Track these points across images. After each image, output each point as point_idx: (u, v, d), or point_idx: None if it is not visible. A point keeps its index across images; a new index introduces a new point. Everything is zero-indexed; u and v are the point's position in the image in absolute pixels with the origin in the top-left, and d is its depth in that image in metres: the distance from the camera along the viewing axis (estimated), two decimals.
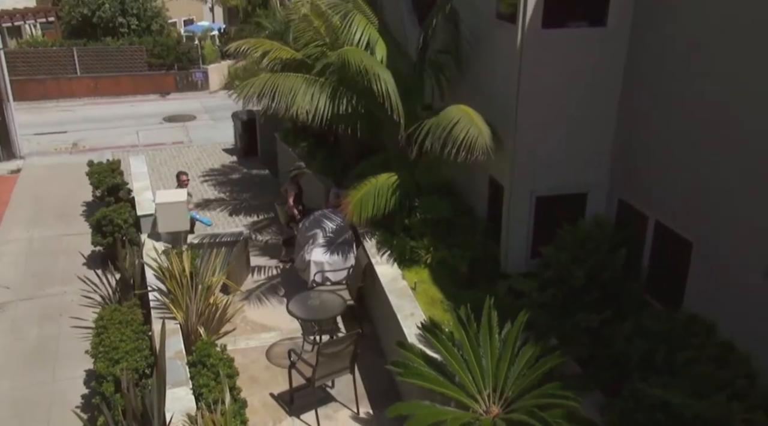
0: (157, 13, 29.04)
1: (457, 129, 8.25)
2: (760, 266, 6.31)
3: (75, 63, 26.15)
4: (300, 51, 12.38)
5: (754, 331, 6.43)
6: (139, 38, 27.60)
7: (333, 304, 9.12)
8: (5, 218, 14.49)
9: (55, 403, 8.89)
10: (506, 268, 8.97)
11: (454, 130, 8.25)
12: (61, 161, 18.93)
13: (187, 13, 33.47)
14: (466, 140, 8.14)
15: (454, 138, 8.20)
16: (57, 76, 26.00)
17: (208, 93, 27.52)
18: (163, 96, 26.86)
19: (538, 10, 7.81)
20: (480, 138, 8.13)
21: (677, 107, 7.52)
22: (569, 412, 6.28)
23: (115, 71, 26.49)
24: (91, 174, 14.46)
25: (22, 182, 17.06)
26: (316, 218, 10.83)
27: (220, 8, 34.55)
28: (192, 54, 27.58)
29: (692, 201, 7.33)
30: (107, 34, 27.46)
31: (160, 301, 9.21)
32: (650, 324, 7.13)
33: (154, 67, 27.00)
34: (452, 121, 8.34)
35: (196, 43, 28.72)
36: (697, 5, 7.11)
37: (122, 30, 27.70)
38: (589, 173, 8.71)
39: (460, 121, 8.33)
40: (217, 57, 28.44)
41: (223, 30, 31.46)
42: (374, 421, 8.05)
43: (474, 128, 8.23)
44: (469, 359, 7.08)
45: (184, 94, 27.19)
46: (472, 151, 8.11)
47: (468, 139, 8.14)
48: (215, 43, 29.55)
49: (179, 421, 6.70)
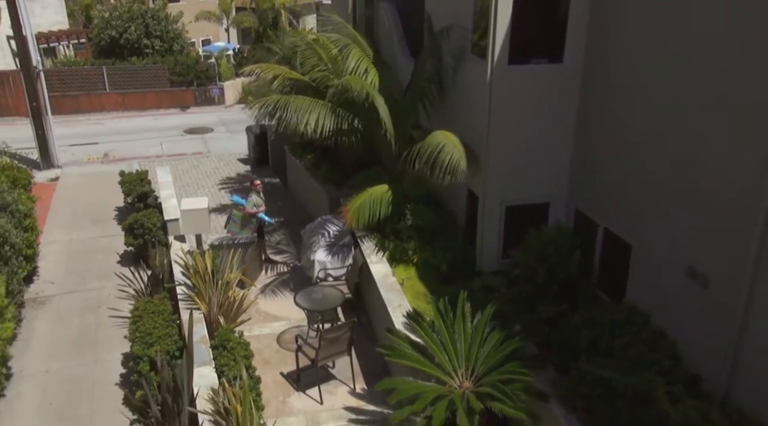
0: (178, 34, 29.71)
1: (443, 154, 8.97)
2: (681, 267, 7.09)
3: (104, 80, 26.83)
4: (306, 75, 13.20)
5: (678, 321, 7.20)
6: (162, 58, 28.26)
7: (334, 297, 9.90)
8: (48, 222, 15.18)
9: (98, 381, 9.63)
10: (480, 267, 9.71)
11: (441, 155, 8.97)
12: (94, 170, 19.55)
13: (204, 34, 34.18)
14: (450, 164, 8.89)
15: (441, 162, 8.94)
16: (88, 92, 26.68)
17: (224, 107, 28.20)
18: (184, 110, 27.53)
19: (504, 49, 8.56)
20: (461, 162, 8.86)
21: (620, 133, 8.27)
22: (527, 385, 7.09)
23: (140, 88, 27.16)
24: (123, 183, 15.22)
25: (60, 189, 17.73)
26: (320, 223, 11.59)
27: (235, 29, 35.25)
28: (209, 72, 28.27)
29: (632, 212, 8.09)
30: (133, 54, 28.15)
31: (187, 295, 10.03)
32: (597, 315, 7.89)
33: (175, 83, 27.69)
34: (438, 146, 9.08)
35: (213, 62, 29.44)
36: (632, 45, 7.88)
37: (147, 50, 28.37)
38: (551, 187, 9.46)
39: (445, 147, 9.06)
40: (233, 74, 29.14)
41: (237, 50, 32.15)
42: (368, 396, 8.84)
43: (456, 153, 8.95)
44: (446, 343, 7.87)
45: (203, 109, 27.86)
46: (455, 175, 8.87)
47: (452, 163, 8.88)
48: (230, 62, 30.25)
49: (205, 393, 7.51)
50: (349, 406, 8.59)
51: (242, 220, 11.91)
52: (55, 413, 8.96)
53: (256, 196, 11.83)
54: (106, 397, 9.28)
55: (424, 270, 9.84)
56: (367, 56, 10.78)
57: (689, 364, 6.89)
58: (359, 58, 10.55)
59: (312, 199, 15.04)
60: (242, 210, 11.82)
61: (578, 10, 8.53)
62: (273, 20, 33.55)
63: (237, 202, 12.27)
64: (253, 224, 11.94)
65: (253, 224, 11.94)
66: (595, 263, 8.88)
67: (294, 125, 10.56)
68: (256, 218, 11.88)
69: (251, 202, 11.72)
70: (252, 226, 11.95)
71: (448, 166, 8.80)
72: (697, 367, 6.84)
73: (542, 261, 8.77)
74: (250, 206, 11.70)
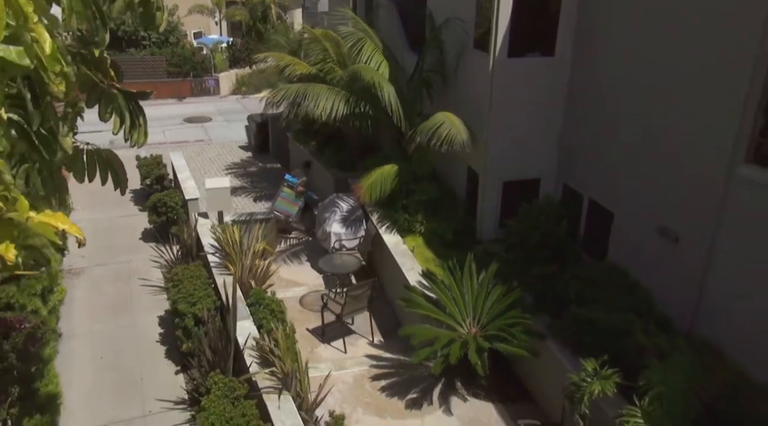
0: (175, 27, 30.38)
1: (441, 129, 10.04)
2: (655, 228, 8.36)
3: None
4: (313, 66, 14.22)
5: (652, 274, 8.46)
6: (159, 49, 28.94)
7: (351, 262, 11.02)
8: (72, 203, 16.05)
9: (139, 339, 10.62)
10: (480, 236, 10.89)
11: (439, 130, 10.03)
12: None
13: (197, 27, 34.77)
14: (447, 137, 9.96)
15: (438, 135, 10.04)
16: None
17: (220, 97, 29.00)
18: (181, 100, 28.25)
19: (504, 44, 9.71)
20: (458, 136, 9.95)
21: (601, 116, 9.52)
22: (526, 328, 8.31)
23: (138, 78, 27.81)
24: (140, 166, 16.11)
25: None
26: (331, 200, 12.67)
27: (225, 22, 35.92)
28: (205, 64, 29.03)
29: (613, 184, 9.34)
30: (131, 45, 28.77)
31: (218, 262, 11.06)
32: (583, 272, 9.15)
33: (172, 74, 28.38)
34: (437, 123, 10.18)
35: (207, 54, 30.16)
36: (611, 41, 9.11)
37: (144, 42, 29.02)
38: (542, 164, 10.66)
39: (443, 124, 10.17)
40: (227, 66, 29.92)
41: (231, 42, 32.88)
42: (385, 346, 10.00)
43: (453, 129, 10.06)
44: (456, 296, 9.06)
45: (199, 99, 28.61)
46: (451, 145, 9.94)
47: (448, 136, 9.94)
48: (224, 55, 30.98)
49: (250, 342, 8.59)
50: (369, 354, 9.75)
51: (292, 198, 13.11)
52: (106, 366, 9.96)
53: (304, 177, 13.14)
54: (148, 352, 10.30)
55: (430, 239, 10.98)
56: (378, 49, 11.84)
57: (661, 308, 8.15)
58: (372, 50, 11.61)
59: (316, 182, 16.06)
60: (294, 188, 13.03)
61: (567, 11, 9.70)
62: (262, 14, 34.33)
63: (290, 181, 13.42)
64: (300, 201, 13.13)
65: (300, 201, 13.13)
66: (581, 229, 10.11)
67: (311, 111, 11.54)
68: (305, 195, 13.15)
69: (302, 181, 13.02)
70: (299, 203, 13.12)
71: (445, 138, 9.88)
72: (668, 310, 8.09)
73: (535, 229, 9.95)
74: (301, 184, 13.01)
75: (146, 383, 9.56)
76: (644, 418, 6.12)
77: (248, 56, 30.02)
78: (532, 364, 8.57)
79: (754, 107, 6.78)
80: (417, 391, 8.86)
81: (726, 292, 7.47)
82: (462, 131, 9.94)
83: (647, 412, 6.14)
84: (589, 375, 6.81)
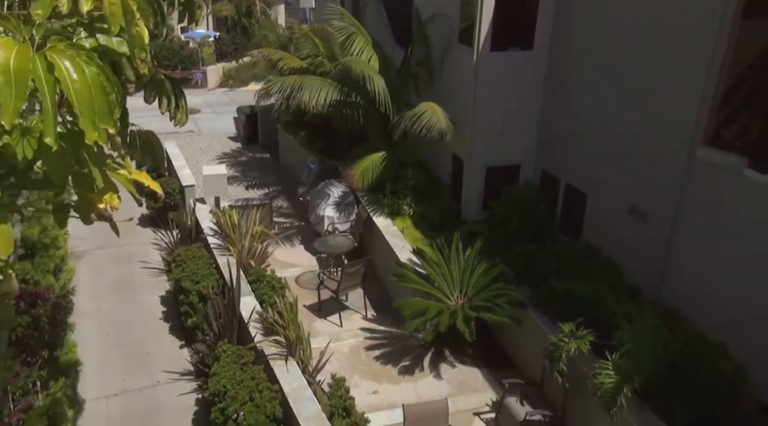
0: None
1: (423, 117, 10.66)
2: (625, 208, 9.12)
3: None
4: (303, 60, 14.81)
5: (623, 250, 9.21)
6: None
7: (344, 243, 11.67)
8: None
9: (143, 317, 11.15)
10: (465, 218, 11.57)
11: (421, 118, 10.67)
12: None
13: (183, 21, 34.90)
14: (427, 124, 10.58)
15: (420, 121, 10.67)
16: None
17: (207, 90, 29.31)
18: None
19: (487, 39, 10.39)
20: (437, 123, 10.59)
21: (575, 107, 10.25)
22: (509, 298, 9.02)
23: None
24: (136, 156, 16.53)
25: None
26: (323, 186, 13.28)
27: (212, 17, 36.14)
28: (193, 57, 29.34)
29: (587, 168, 10.09)
30: None
31: (218, 244, 11.62)
32: (560, 249, 9.89)
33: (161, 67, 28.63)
34: (420, 112, 10.81)
35: (194, 47, 30.45)
36: (584, 38, 9.84)
37: None
38: (522, 151, 11.37)
39: (425, 112, 10.77)
40: (214, 60, 30.25)
41: (218, 37, 33.19)
42: (377, 320, 10.66)
43: (434, 117, 10.68)
44: (444, 272, 9.73)
45: (187, 91, 28.50)
46: (430, 131, 10.58)
47: (428, 123, 10.58)
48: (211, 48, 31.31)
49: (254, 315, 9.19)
50: (363, 328, 10.40)
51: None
52: (114, 341, 10.49)
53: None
54: (153, 329, 10.87)
55: (418, 221, 11.65)
56: (369, 43, 12.45)
57: (631, 280, 8.90)
58: (363, 44, 12.23)
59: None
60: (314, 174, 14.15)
61: (545, 8, 10.39)
62: (247, 10, 34.66)
63: (311, 168, 14.50)
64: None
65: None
66: (558, 210, 10.86)
67: (306, 102, 12.13)
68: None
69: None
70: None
71: (425, 124, 10.54)
72: (637, 282, 8.85)
73: (516, 211, 10.66)
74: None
75: (153, 357, 10.12)
76: (615, 371, 6.84)
77: (234, 50, 30.35)
78: (514, 333, 9.29)
79: (710, 96, 7.54)
80: (409, 359, 9.55)
81: (688, 264, 8.25)
82: (442, 119, 10.61)
83: (617, 365, 6.87)
84: (567, 336, 7.52)
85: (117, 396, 9.15)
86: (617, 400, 6.73)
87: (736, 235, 7.54)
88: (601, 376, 6.91)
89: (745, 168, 7.24)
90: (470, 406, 8.65)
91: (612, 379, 6.83)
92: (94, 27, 2.99)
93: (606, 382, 6.86)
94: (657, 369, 6.86)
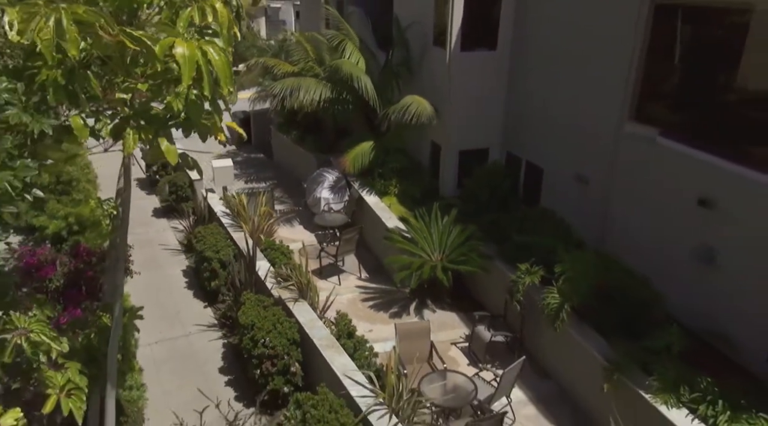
0: None
1: (411, 107, 12.78)
2: (571, 175, 11.24)
3: None
4: (295, 65, 16.81)
5: (571, 211, 11.30)
6: None
7: (339, 218, 13.67)
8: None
9: (171, 285, 12.98)
10: (443, 194, 13.62)
11: (410, 108, 12.77)
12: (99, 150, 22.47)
13: None
14: (417, 112, 12.69)
15: (410, 111, 12.74)
16: None
17: None
18: None
19: (458, 41, 12.48)
20: (425, 110, 12.72)
21: (532, 96, 12.39)
22: (479, 252, 11.06)
23: None
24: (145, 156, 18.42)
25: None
26: (318, 173, 15.25)
27: None
28: None
29: (543, 149, 12.22)
30: None
31: (231, 223, 13.53)
32: (521, 215, 11.97)
33: None
34: (408, 103, 12.90)
35: None
36: (538, 39, 11.97)
37: None
38: (490, 136, 13.48)
39: (412, 103, 12.87)
40: None
41: None
42: (369, 280, 12.64)
43: (421, 106, 12.78)
44: (425, 235, 11.74)
45: None
46: (420, 118, 12.68)
47: (417, 111, 12.69)
48: None
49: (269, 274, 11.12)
50: (358, 285, 12.40)
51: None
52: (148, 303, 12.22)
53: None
54: (180, 294, 12.73)
55: (402, 198, 13.68)
56: (357, 48, 14.51)
57: (578, 234, 10.99)
58: (351, 48, 14.29)
59: (300, 164, 18.58)
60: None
61: (505, 15, 12.53)
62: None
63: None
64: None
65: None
66: (521, 185, 12.96)
67: (302, 100, 14.13)
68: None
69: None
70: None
71: (415, 112, 12.63)
72: (583, 235, 10.94)
73: (485, 186, 12.74)
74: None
75: (182, 314, 12.00)
76: (558, 293, 8.88)
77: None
78: (483, 281, 11.33)
79: (632, 82, 9.69)
80: (397, 307, 11.55)
81: (620, 217, 10.37)
82: (428, 107, 12.72)
83: (560, 289, 8.91)
84: (523, 273, 9.57)
85: (158, 343, 11.02)
86: (560, 315, 8.79)
87: (652, 191, 9.65)
88: (548, 298, 8.96)
89: (657, 136, 9.37)
90: (448, 338, 10.67)
91: (556, 299, 8.89)
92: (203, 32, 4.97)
93: (551, 303, 8.92)
94: (591, 293, 8.91)
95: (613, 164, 10.30)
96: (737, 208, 8.22)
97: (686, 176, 8.94)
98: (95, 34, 4.13)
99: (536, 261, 10.10)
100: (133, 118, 4.73)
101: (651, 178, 9.65)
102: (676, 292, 9.06)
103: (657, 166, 9.49)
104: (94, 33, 4.10)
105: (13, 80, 4.36)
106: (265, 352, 9.09)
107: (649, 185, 9.69)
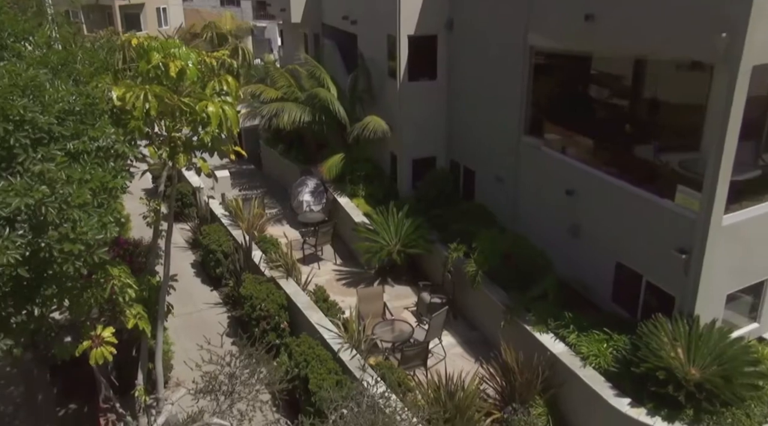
0: None
1: (369, 125, 16.14)
2: (493, 176, 14.59)
3: None
4: (278, 90, 20.07)
5: (494, 202, 14.60)
6: None
7: (318, 217, 16.96)
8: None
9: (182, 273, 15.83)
10: (400, 194, 16.89)
11: (368, 125, 16.13)
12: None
13: None
14: (374, 128, 16.03)
15: (368, 128, 16.07)
16: None
17: None
18: None
19: (406, 73, 15.79)
20: (380, 127, 16.07)
21: (464, 114, 15.73)
22: (425, 238, 14.35)
23: None
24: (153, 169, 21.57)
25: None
26: (301, 180, 18.50)
27: None
28: None
29: (473, 155, 15.55)
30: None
31: (230, 223, 16.74)
32: (459, 209, 15.26)
33: None
34: (367, 122, 16.24)
35: None
36: (462, 72, 15.30)
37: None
38: (436, 147, 16.77)
39: (371, 122, 16.23)
40: None
41: None
42: (343, 265, 15.90)
43: (377, 124, 16.14)
44: (385, 227, 15.00)
45: None
46: (376, 133, 16.03)
47: (374, 128, 16.04)
48: None
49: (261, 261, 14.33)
50: (334, 269, 15.67)
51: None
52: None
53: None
54: (190, 280, 15.91)
55: (368, 199, 16.95)
56: (328, 77, 17.85)
57: (499, 221, 14.30)
58: (326, 77, 17.63)
59: (286, 173, 21.82)
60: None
61: (441, 54, 15.86)
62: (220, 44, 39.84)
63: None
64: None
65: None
66: (461, 184, 16.29)
67: (285, 121, 17.40)
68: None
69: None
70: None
71: (372, 129, 15.98)
72: (502, 221, 14.25)
73: (433, 187, 16.06)
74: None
75: (194, 296, 15.18)
76: (475, 262, 12.17)
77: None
78: (429, 260, 14.61)
79: (525, 106, 13.09)
80: (364, 284, 14.81)
81: (524, 205, 13.71)
82: (383, 124, 16.08)
83: (476, 259, 12.20)
84: (452, 250, 12.86)
85: (175, 317, 14.16)
86: (476, 279, 12.07)
87: (542, 185, 13.00)
88: (468, 267, 12.25)
89: (541, 146, 12.75)
90: (402, 304, 13.97)
91: (473, 267, 12.17)
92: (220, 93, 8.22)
93: (470, 271, 12.20)
94: (498, 261, 12.20)
95: (517, 167, 13.65)
96: (587, 195, 11.60)
97: (558, 174, 12.32)
98: (162, 101, 7.42)
99: (462, 240, 13.33)
100: (182, 147, 7.98)
101: (539, 176, 13.01)
102: (560, 256, 12.33)
103: (542, 167, 12.86)
104: (162, 100, 7.38)
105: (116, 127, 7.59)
106: (261, 314, 12.31)
107: (539, 181, 13.04)
